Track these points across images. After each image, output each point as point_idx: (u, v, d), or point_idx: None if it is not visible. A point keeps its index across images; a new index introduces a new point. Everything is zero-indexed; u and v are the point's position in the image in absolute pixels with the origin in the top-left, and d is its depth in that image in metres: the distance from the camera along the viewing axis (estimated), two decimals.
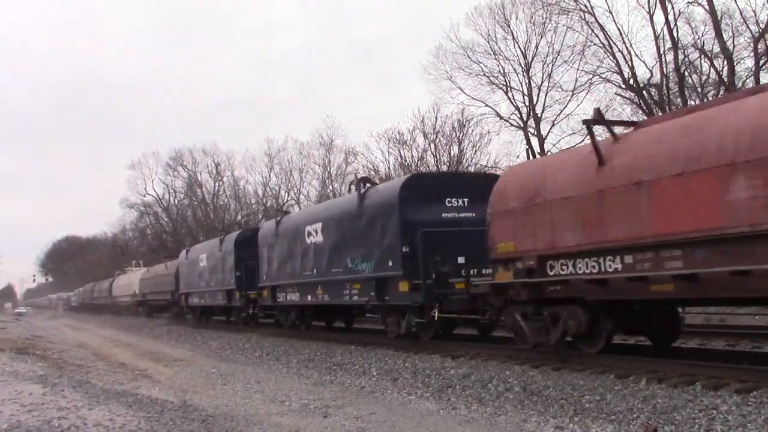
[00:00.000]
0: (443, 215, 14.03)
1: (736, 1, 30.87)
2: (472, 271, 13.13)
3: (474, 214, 13.90)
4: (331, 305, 18.17)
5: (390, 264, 13.99)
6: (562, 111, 36.69)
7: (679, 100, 30.24)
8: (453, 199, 14.21)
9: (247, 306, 23.56)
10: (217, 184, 66.79)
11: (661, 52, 30.37)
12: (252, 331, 22.72)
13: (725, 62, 28.17)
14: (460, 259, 13.29)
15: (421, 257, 13.20)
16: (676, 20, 29.41)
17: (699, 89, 30.93)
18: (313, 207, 24.45)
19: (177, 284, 32.75)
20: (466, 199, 14.27)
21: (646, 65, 32.45)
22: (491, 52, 37.76)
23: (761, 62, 27.58)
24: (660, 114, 29.54)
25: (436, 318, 12.98)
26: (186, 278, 30.74)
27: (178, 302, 32.90)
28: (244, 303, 23.66)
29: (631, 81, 31.59)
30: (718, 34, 27.35)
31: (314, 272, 17.52)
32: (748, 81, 28.30)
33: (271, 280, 20.64)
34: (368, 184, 16.21)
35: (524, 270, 10.58)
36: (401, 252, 13.55)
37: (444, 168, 38.38)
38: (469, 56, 38.24)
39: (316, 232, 17.47)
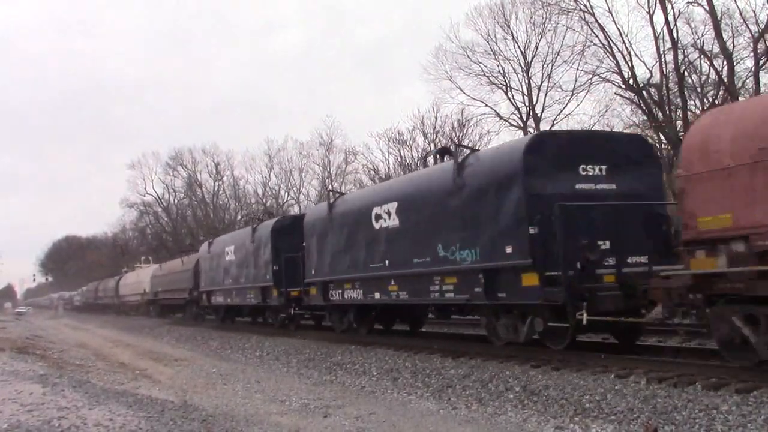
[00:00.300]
0: (577, 187, 10.94)
1: (735, 1, 30.93)
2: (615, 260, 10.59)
3: (615, 186, 11.17)
4: (411, 305, 15.00)
5: (508, 250, 10.98)
6: (561, 111, 36.80)
7: (678, 99, 30.27)
8: (588, 167, 11.10)
9: (288, 306, 20.24)
10: (217, 183, 67.03)
11: (661, 52, 30.36)
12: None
13: (725, 62, 28.16)
14: (604, 244, 10.54)
15: (562, 241, 10.17)
16: (675, 20, 29.42)
17: (699, 89, 30.95)
18: (384, 184, 20.31)
19: (196, 281, 29.82)
20: (604, 167, 11.17)
21: (645, 65, 32.48)
22: (491, 52, 37.81)
23: (761, 62, 27.59)
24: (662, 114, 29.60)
25: (585, 322, 9.87)
26: (208, 274, 27.53)
27: (198, 301, 29.88)
28: (283, 302, 20.28)
29: (631, 81, 31.55)
30: (718, 34, 27.34)
31: (386, 264, 14.54)
32: (748, 81, 28.35)
33: (323, 275, 17.42)
34: (466, 151, 12.99)
35: (751, 253, 7.82)
36: (528, 234, 10.58)
37: None
38: (468, 56, 38.28)
39: (389, 215, 14.44)
